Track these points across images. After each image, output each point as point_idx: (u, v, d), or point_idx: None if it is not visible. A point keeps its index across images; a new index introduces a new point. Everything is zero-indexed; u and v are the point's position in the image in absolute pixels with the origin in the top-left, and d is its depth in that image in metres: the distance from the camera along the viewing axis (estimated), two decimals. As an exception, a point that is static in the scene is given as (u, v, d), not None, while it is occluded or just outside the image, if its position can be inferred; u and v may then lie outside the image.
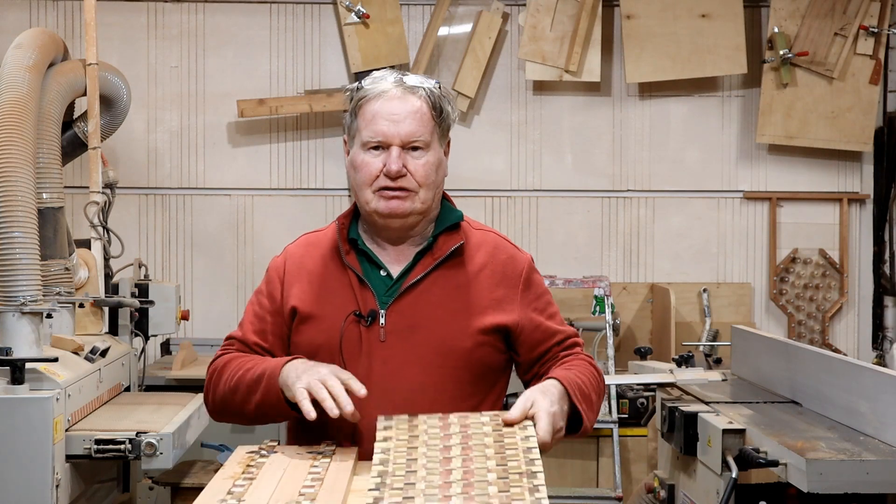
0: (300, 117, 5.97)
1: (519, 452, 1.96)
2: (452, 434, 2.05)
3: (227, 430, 4.62)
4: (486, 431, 2.06)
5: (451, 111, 2.36)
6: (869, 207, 6.11)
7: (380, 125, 2.28)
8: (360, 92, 2.33)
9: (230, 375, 2.31)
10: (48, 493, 3.04)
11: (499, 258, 2.37)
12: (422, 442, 2.03)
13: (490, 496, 1.78)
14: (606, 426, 5.19)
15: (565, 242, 6.09)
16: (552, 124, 6.08)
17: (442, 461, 1.94)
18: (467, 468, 1.90)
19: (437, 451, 1.98)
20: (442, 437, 2.04)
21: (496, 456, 1.95)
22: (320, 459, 2.13)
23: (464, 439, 2.03)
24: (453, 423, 2.11)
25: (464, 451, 1.97)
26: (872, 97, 5.90)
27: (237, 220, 5.99)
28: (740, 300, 6.04)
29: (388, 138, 2.27)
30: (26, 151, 3.51)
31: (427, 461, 1.94)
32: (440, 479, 1.86)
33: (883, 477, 2.68)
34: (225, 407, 2.35)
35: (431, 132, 2.31)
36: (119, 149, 5.80)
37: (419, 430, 2.08)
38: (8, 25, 5.73)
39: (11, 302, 3.29)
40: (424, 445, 2.01)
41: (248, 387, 2.26)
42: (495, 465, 1.91)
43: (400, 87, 2.31)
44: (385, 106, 2.29)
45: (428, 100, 2.31)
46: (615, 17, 5.95)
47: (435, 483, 1.84)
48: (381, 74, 2.36)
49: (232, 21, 5.99)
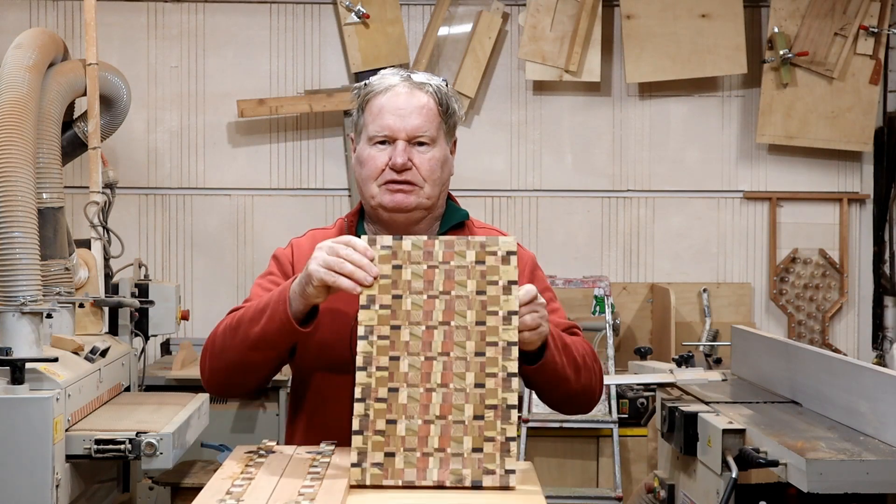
0: (300, 117, 5.97)
1: (497, 358, 1.99)
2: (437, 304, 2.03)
3: (227, 430, 4.63)
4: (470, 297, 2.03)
5: (458, 109, 2.37)
6: (869, 207, 6.11)
7: (386, 119, 2.28)
8: (367, 87, 2.33)
9: (230, 321, 2.23)
10: (48, 493, 3.04)
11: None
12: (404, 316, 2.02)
13: (465, 458, 1.92)
14: (606, 426, 5.19)
15: (565, 242, 6.09)
16: (552, 124, 6.08)
17: (423, 363, 1.98)
18: (446, 387, 1.96)
19: (420, 337, 2.00)
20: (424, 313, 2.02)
21: (476, 362, 1.98)
22: (319, 459, 2.13)
23: (447, 309, 2.02)
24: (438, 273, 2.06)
25: (444, 345, 1.99)
26: (872, 97, 5.90)
27: (237, 220, 5.99)
28: (740, 300, 6.04)
29: (394, 132, 2.27)
30: (26, 151, 3.51)
31: (409, 369, 1.98)
32: (420, 420, 1.94)
33: (883, 477, 2.68)
34: (223, 356, 2.22)
35: (438, 128, 2.31)
36: (119, 149, 5.80)
37: (402, 314, 2.04)
38: (8, 25, 5.73)
39: (11, 302, 3.29)
40: (406, 322, 2.01)
41: (251, 318, 2.17)
42: (473, 385, 1.96)
43: (407, 83, 2.31)
44: (392, 101, 2.29)
45: (435, 96, 2.31)
46: (615, 17, 5.96)
47: (414, 426, 1.94)
48: (389, 71, 2.36)
49: (232, 21, 5.99)
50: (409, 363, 1.99)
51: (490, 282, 2.02)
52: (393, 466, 1.95)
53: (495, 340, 1.99)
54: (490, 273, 2.03)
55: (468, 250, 2.04)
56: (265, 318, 2.15)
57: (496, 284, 2.02)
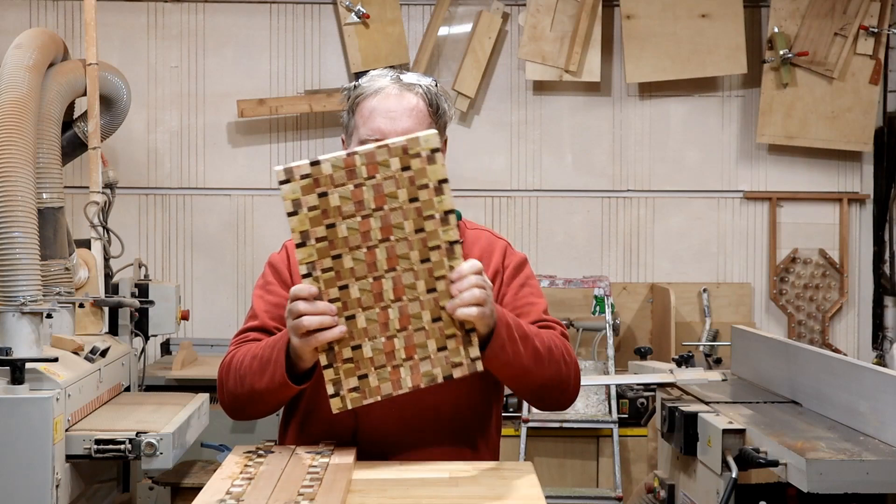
0: (300, 117, 5.97)
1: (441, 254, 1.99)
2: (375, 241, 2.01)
3: (227, 430, 4.62)
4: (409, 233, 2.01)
5: (448, 109, 2.36)
6: (869, 207, 6.11)
7: (377, 122, 2.27)
8: (357, 90, 2.32)
9: (237, 366, 2.25)
10: (48, 493, 3.04)
11: (494, 255, 2.37)
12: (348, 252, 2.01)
13: (432, 359, 2.00)
14: (606, 426, 5.19)
15: (565, 242, 6.09)
16: (552, 124, 6.08)
17: (375, 295, 1.99)
18: (400, 301, 1.99)
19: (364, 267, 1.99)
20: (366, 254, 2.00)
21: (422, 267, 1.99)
22: (318, 459, 2.13)
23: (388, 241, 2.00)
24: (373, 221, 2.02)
25: (390, 262, 1.99)
26: (872, 97, 5.90)
27: (237, 220, 6.00)
28: (740, 300, 6.04)
29: (385, 135, 2.26)
30: (26, 151, 3.51)
31: (360, 293, 2.00)
32: (382, 338, 2.00)
33: (883, 477, 2.68)
34: (237, 395, 2.26)
35: (428, 129, 2.30)
36: (119, 149, 5.80)
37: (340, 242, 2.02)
38: (8, 25, 5.73)
39: (11, 302, 3.29)
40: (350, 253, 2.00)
41: (256, 371, 2.19)
42: (424, 291, 1.99)
43: (397, 84, 2.30)
44: (382, 103, 2.28)
45: (425, 97, 2.31)
46: (615, 17, 5.95)
47: (378, 346, 2.00)
48: (379, 73, 2.35)
49: (232, 21, 5.99)
50: (358, 287, 2.00)
51: (420, 186, 1.98)
52: (369, 386, 2.02)
53: (437, 244, 1.99)
54: (419, 177, 1.98)
55: (391, 158, 1.97)
56: (267, 378, 2.17)
57: (427, 188, 1.98)
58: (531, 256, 6.01)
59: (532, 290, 2.37)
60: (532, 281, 2.39)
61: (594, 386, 5.18)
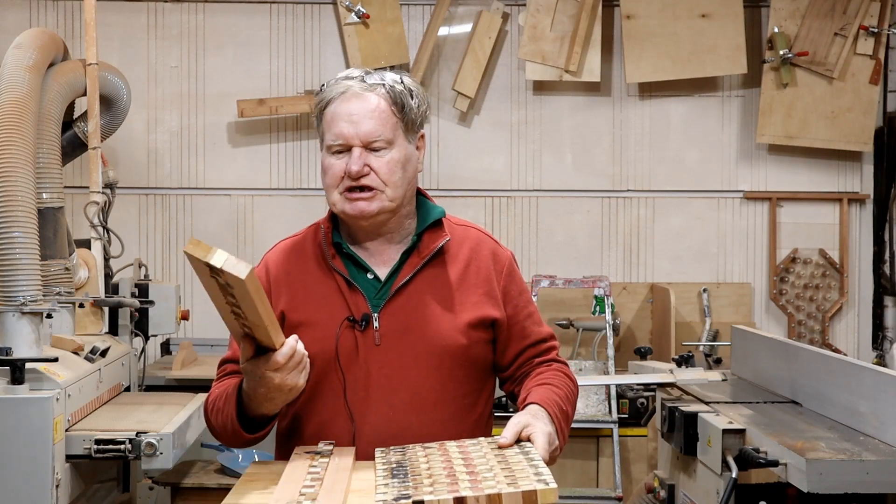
0: (300, 117, 5.97)
1: (522, 460, 1.97)
2: (452, 454, 2.05)
3: (227, 430, 4.62)
4: (486, 452, 2.05)
5: (418, 105, 2.31)
6: (869, 207, 6.11)
7: (339, 127, 2.26)
8: (320, 94, 2.31)
9: (214, 402, 2.32)
10: (48, 493, 3.04)
11: (482, 253, 2.36)
12: (424, 458, 2.04)
13: (497, 480, 1.85)
14: (606, 426, 5.19)
15: (565, 242, 6.09)
16: (552, 124, 6.08)
17: (446, 467, 1.95)
18: (471, 470, 1.92)
19: (440, 462, 1.99)
20: (443, 459, 2.03)
21: (500, 465, 1.95)
22: (318, 459, 2.13)
23: (465, 456, 2.02)
24: (451, 447, 2.10)
25: (466, 464, 1.97)
26: (872, 97, 5.90)
27: (237, 220, 5.99)
28: (740, 300, 6.04)
29: (348, 140, 2.25)
30: (26, 151, 3.51)
31: (432, 468, 1.96)
32: (446, 475, 1.90)
33: (883, 477, 2.68)
34: (222, 429, 2.33)
35: (393, 129, 2.27)
36: (119, 149, 5.80)
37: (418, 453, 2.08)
38: (8, 25, 5.73)
39: (11, 302, 3.29)
40: (426, 460, 2.02)
41: (226, 414, 2.27)
42: (500, 470, 1.92)
43: (359, 84, 2.27)
44: (343, 107, 2.26)
45: (388, 96, 2.27)
46: (615, 17, 5.95)
47: (441, 477, 1.89)
48: (343, 74, 2.33)
49: (232, 21, 5.99)
50: None
51: None
52: None
53: None
54: None
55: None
56: (230, 427, 2.25)
57: None
58: (531, 256, 6.03)
59: (527, 296, 2.41)
60: (523, 284, 2.42)
61: (594, 386, 5.18)
